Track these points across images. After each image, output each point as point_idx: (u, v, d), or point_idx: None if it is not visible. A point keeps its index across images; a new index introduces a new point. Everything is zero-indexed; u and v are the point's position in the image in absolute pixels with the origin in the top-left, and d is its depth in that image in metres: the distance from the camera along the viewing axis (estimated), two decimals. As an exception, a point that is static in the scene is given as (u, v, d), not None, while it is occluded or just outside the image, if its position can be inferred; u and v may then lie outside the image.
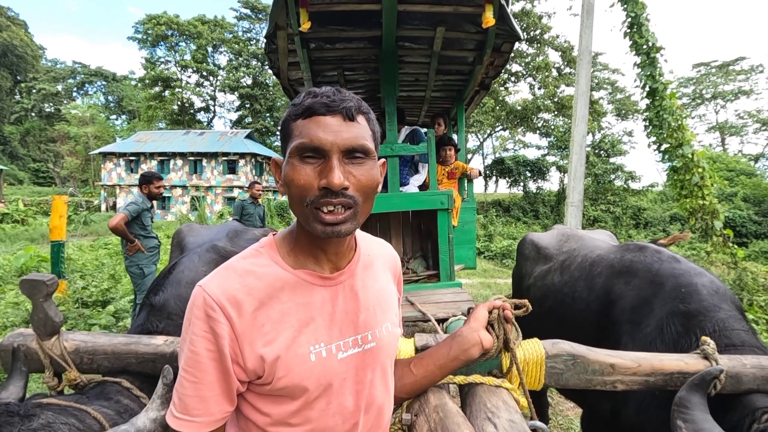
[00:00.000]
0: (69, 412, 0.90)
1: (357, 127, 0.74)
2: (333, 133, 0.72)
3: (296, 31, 2.85)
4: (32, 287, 1.10)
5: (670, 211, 21.74)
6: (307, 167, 0.72)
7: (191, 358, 0.72)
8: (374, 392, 0.85)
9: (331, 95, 0.74)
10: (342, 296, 0.82)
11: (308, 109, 0.73)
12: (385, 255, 0.98)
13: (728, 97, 35.90)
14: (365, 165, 0.75)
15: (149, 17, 39.54)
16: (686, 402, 0.97)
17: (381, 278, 0.92)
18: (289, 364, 0.74)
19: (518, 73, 25.93)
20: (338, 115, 0.73)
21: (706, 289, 1.40)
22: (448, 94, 4.90)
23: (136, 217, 4.35)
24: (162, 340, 1.19)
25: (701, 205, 7.38)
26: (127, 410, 1.04)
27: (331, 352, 0.78)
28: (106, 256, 9.43)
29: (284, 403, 0.77)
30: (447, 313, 2.20)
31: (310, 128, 0.72)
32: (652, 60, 7.68)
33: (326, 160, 0.72)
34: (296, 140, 0.73)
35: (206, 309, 0.72)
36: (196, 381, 0.72)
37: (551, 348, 1.06)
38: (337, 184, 0.70)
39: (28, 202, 22.51)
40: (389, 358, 0.90)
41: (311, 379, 0.76)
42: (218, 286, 0.74)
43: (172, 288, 1.52)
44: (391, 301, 0.93)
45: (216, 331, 0.71)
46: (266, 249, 0.82)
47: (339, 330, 0.80)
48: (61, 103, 45.52)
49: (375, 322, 0.85)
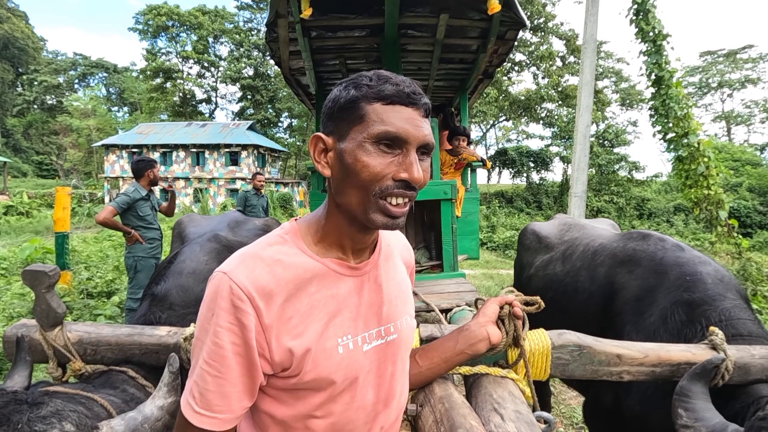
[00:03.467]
0: (77, 400, 0.90)
1: (428, 124, 0.74)
2: (416, 128, 0.71)
3: (297, 19, 2.81)
4: (34, 278, 1.09)
5: (674, 201, 21.61)
6: (384, 156, 0.70)
7: (215, 352, 0.69)
8: (394, 386, 0.84)
9: (410, 86, 0.72)
10: (367, 287, 0.81)
11: (391, 96, 0.70)
12: (401, 245, 0.97)
13: (735, 86, 35.41)
14: (426, 163, 0.75)
15: (150, 8, 39.20)
16: (687, 391, 0.97)
17: (400, 269, 0.92)
18: (317, 358, 0.72)
19: (522, 62, 25.68)
20: (419, 109, 0.72)
21: (711, 277, 1.38)
22: (451, 83, 4.85)
23: (129, 209, 4.23)
24: (165, 331, 1.19)
25: (706, 195, 7.32)
26: (133, 399, 1.04)
27: (357, 344, 0.77)
28: (110, 248, 9.48)
29: (309, 397, 0.75)
30: (450, 304, 2.19)
31: (392, 116, 0.70)
32: (659, 48, 7.55)
33: (405, 152, 0.71)
34: (376, 126, 0.69)
35: (233, 299, 0.68)
36: (219, 376, 0.69)
37: (557, 338, 1.06)
38: (419, 179, 0.70)
39: (33, 195, 22.59)
40: (407, 350, 0.90)
41: (339, 372, 0.74)
42: (246, 275, 0.70)
43: (173, 278, 1.52)
44: (408, 293, 0.92)
45: (243, 323, 0.68)
46: (291, 236, 0.79)
47: (364, 322, 0.79)
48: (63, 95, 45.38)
49: (397, 314, 0.85)
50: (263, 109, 40.41)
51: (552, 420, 0.88)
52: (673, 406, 0.97)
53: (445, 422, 0.83)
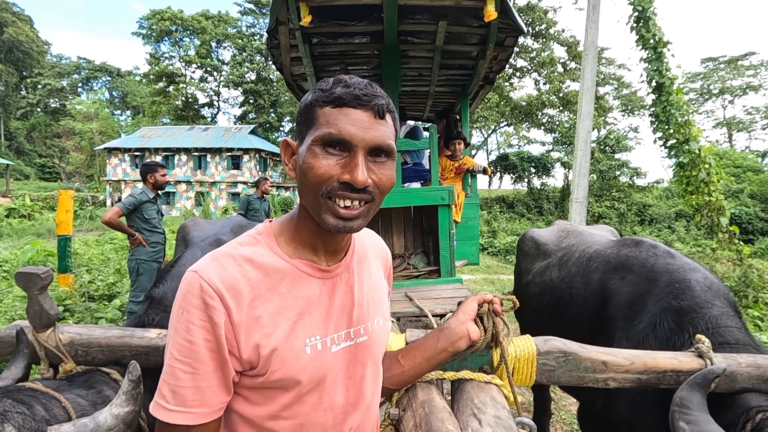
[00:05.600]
0: (38, 399, 0.90)
1: (384, 125, 0.73)
2: (362, 129, 0.70)
3: (297, 26, 2.84)
4: (27, 280, 1.10)
5: (675, 207, 21.56)
6: (329, 158, 0.70)
7: (187, 348, 0.69)
8: (365, 388, 0.84)
9: (362, 88, 0.72)
10: (338, 289, 0.82)
11: (339, 99, 0.70)
12: (377, 248, 0.98)
13: (736, 93, 35.45)
14: (386, 165, 0.74)
15: (153, 12, 39.56)
16: (687, 402, 0.94)
17: (374, 272, 0.92)
18: (284, 357, 0.73)
19: (523, 68, 25.76)
20: (369, 110, 0.71)
21: (700, 285, 1.39)
22: (452, 89, 4.86)
23: (135, 210, 4.24)
24: (155, 333, 1.20)
25: (707, 202, 7.32)
26: (105, 401, 1.03)
27: (325, 345, 0.77)
28: (111, 251, 9.51)
29: (275, 396, 0.76)
30: (444, 309, 2.19)
31: (338, 119, 0.70)
32: (659, 55, 7.59)
33: (351, 155, 0.70)
34: (322, 129, 0.70)
35: (204, 297, 0.69)
36: (193, 372, 0.69)
37: (543, 345, 1.06)
38: (362, 181, 0.69)
39: (35, 197, 22.69)
40: (380, 352, 0.90)
41: (306, 372, 0.75)
42: (217, 274, 0.71)
43: (172, 281, 1.53)
44: (382, 295, 0.93)
45: (214, 320, 0.69)
46: (264, 237, 0.80)
47: (334, 323, 0.80)
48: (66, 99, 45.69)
49: (368, 316, 0.85)
50: (265, 113, 40.61)
51: (533, 426, 0.88)
52: (673, 418, 0.94)
53: (424, 426, 0.83)
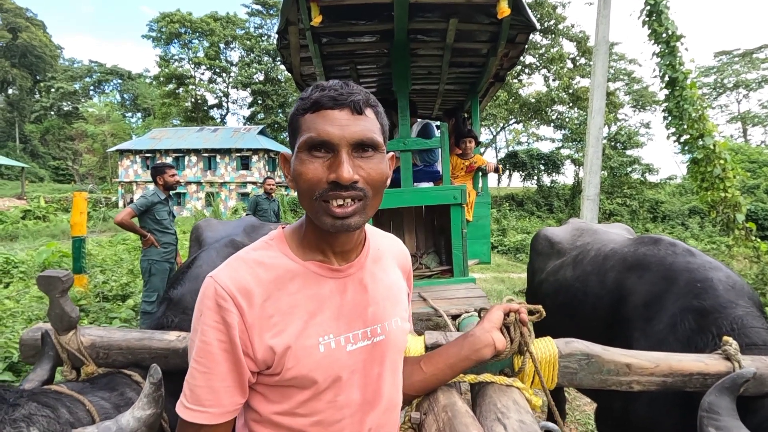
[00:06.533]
0: (63, 401, 0.91)
1: (365, 120, 0.74)
2: (341, 127, 0.72)
3: (307, 26, 2.84)
4: (48, 284, 1.12)
5: (689, 204, 21.20)
6: (315, 162, 0.73)
7: (202, 349, 0.73)
8: (382, 387, 0.84)
9: (338, 88, 0.74)
10: (351, 288, 0.83)
11: (315, 103, 0.73)
12: (395, 250, 0.98)
13: (751, 86, 34.73)
14: (374, 159, 0.75)
15: (163, 15, 39.91)
16: (717, 407, 0.91)
17: (391, 272, 0.92)
18: (297, 355, 0.75)
19: (532, 64, 25.48)
20: (346, 108, 0.73)
21: (722, 284, 1.35)
22: (462, 87, 4.84)
23: (147, 211, 4.30)
24: (174, 336, 1.21)
25: (723, 198, 7.17)
26: (128, 404, 1.05)
27: (339, 344, 0.79)
28: (124, 252, 9.61)
29: (292, 394, 0.77)
30: (459, 310, 2.18)
31: (317, 122, 0.72)
32: (672, 49, 7.45)
33: (335, 154, 0.72)
34: (304, 135, 0.73)
35: (217, 299, 0.73)
36: (207, 372, 0.73)
37: (564, 347, 1.04)
38: (347, 178, 0.70)
39: (49, 199, 23.06)
40: (398, 353, 0.90)
41: (320, 370, 0.76)
42: (229, 276, 0.75)
43: (189, 283, 1.54)
44: (400, 296, 0.93)
45: (227, 322, 0.72)
46: (276, 241, 0.84)
47: (347, 322, 0.81)
48: (79, 102, 46.40)
49: (384, 316, 0.85)
50: (274, 113, 40.76)
51: (557, 431, 0.87)
52: (701, 424, 0.92)
53: (448, 431, 0.83)
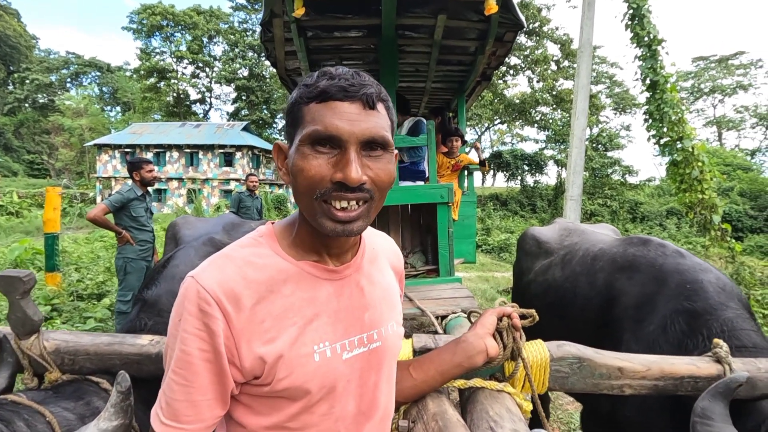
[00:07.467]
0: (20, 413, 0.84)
1: (377, 116, 0.67)
2: (351, 123, 0.64)
3: (292, 19, 2.77)
4: (8, 284, 1.04)
5: (666, 205, 21.79)
6: (319, 157, 0.65)
7: (182, 359, 0.65)
8: (379, 396, 0.79)
9: (349, 78, 0.66)
10: (348, 291, 0.76)
11: (323, 92, 0.65)
12: (389, 251, 0.93)
13: (726, 92, 35.81)
14: (383, 158, 0.68)
15: (144, 7, 38.95)
16: (710, 413, 0.89)
17: (386, 274, 0.87)
18: (291, 365, 0.68)
19: (517, 66, 25.75)
20: (357, 101, 0.65)
21: (713, 286, 1.35)
22: (448, 86, 4.82)
23: (122, 208, 4.16)
24: (147, 340, 1.13)
25: (700, 200, 7.36)
26: (94, 414, 0.98)
27: (336, 352, 0.72)
28: (101, 249, 9.35)
29: (283, 406, 0.70)
30: (446, 310, 2.15)
31: (324, 115, 0.64)
32: (654, 52, 7.59)
33: (342, 151, 0.65)
34: (309, 127, 0.65)
35: (200, 303, 0.64)
36: (186, 384, 0.65)
37: (556, 350, 1.01)
38: (355, 179, 0.63)
39: (23, 194, 22.27)
40: (394, 359, 0.85)
41: (315, 380, 0.69)
42: (214, 278, 0.66)
43: (165, 283, 1.47)
44: (395, 299, 0.88)
45: (211, 329, 0.64)
46: (266, 238, 0.75)
47: (344, 328, 0.74)
48: (55, 94, 44.88)
49: (381, 320, 0.80)
50: (258, 110, 40.26)
51: (552, 438, 0.84)
52: (695, 429, 0.90)
53: (440, 443, 0.79)
